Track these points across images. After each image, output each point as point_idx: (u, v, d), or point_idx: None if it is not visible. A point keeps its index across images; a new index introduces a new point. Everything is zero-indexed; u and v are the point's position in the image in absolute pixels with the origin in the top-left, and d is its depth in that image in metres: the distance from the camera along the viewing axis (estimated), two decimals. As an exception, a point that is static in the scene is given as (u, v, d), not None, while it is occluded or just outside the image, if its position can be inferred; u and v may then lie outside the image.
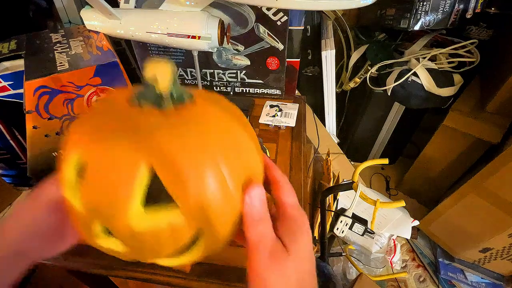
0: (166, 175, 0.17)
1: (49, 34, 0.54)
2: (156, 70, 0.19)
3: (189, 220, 0.18)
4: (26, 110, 0.44)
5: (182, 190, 0.17)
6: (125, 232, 0.18)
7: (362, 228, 0.71)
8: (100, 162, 0.18)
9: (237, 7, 0.57)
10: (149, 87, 0.19)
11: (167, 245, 0.19)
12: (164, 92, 0.19)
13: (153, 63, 0.19)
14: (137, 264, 0.43)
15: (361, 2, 0.42)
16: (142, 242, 0.18)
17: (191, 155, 0.18)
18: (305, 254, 0.20)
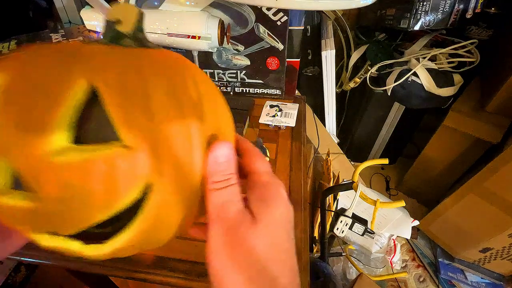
0: (113, 96, 0.14)
1: (49, 34, 0.54)
2: (120, 11, 0.18)
3: (135, 163, 0.14)
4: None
5: (133, 118, 0.14)
6: (40, 173, 0.13)
7: (362, 228, 0.71)
8: (20, 78, 0.14)
9: (237, 7, 0.57)
10: (109, 26, 0.18)
11: (97, 202, 0.14)
12: (126, 31, 0.18)
13: (118, 5, 0.19)
14: (137, 264, 0.43)
15: (361, 2, 0.42)
16: (63, 191, 0.13)
17: (152, 78, 0.15)
18: (278, 223, 0.16)
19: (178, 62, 0.18)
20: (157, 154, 0.14)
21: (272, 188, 0.17)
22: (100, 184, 0.14)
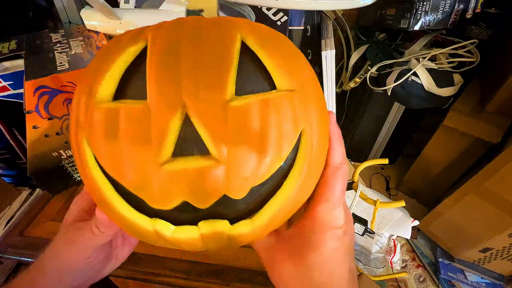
0: (268, 48, 0.16)
1: (49, 34, 0.54)
2: (201, 1, 0.20)
3: (296, 105, 0.16)
4: (26, 110, 0.44)
5: (290, 67, 0.16)
6: (221, 120, 0.14)
7: (362, 228, 0.71)
8: (189, 41, 0.16)
9: (237, 7, 0.57)
10: (195, 14, 0.19)
11: (270, 146, 0.15)
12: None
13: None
14: (137, 264, 0.43)
15: (361, 2, 0.42)
16: (240, 134, 0.14)
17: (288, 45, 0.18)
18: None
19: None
20: (307, 104, 0.16)
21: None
22: (273, 124, 0.15)
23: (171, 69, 0.15)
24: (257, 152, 0.15)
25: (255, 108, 0.15)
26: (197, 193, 0.15)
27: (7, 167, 0.65)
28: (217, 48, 0.16)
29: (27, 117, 0.44)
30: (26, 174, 0.49)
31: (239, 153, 0.15)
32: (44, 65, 0.44)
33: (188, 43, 0.16)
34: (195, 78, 0.15)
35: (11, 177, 0.66)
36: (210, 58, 0.15)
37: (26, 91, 0.42)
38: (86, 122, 0.16)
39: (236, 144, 0.15)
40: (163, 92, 0.15)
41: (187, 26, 0.17)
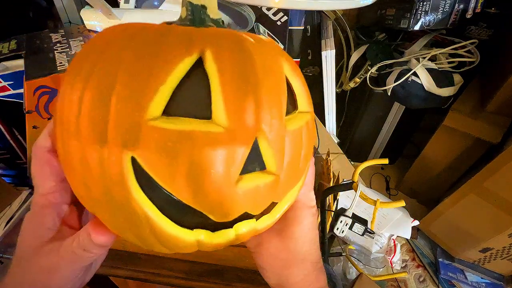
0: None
1: (49, 34, 0.54)
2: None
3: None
4: (26, 110, 0.44)
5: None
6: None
7: (362, 228, 0.71)
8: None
9: (237, 7, 0.57)
10: (197, 10, 0.18)
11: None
12: (216, 17, 0.19)
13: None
14: (137, 264, 0.43)
15: (361, 2, 0.42)
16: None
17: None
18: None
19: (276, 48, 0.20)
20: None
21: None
22: (307, 145, 0.19)
23: (244, 94, 0.15)
24: (296, 171, 0.18)
25: (302, 131, 0.18)
26: (258, 203, 0.17)
27: (7, 167, 0.65)
28: (276, 76, 0.17)
29: (27, 117, 0.44)
30: (26, 174, 0.49)
31: (289, 172, 0.17)
32: (44, 65, 0.44)
33: (254, 68, 0.16)
34: (268, 106, 0.16)
35: (11, 177, 0.66)
36: (274, 87, 0.16)
37: (26, 91, 0.42)
38: (138, 140, 0.14)
39: (289, 164, 0.17)
40: (242, 119, 0.15)
41: (246, 46, 0.16)
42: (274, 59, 0.17)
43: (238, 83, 0.15)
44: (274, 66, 0.17)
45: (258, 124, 0.15)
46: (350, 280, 0.77)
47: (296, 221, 0.21)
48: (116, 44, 0.16)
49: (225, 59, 0.15)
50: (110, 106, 0.14)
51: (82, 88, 0.15)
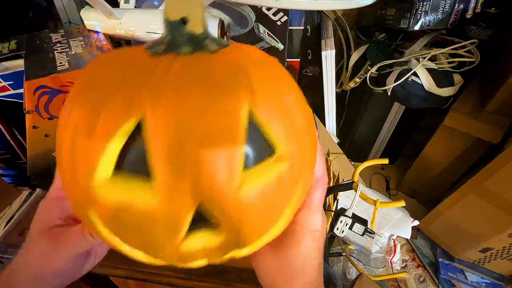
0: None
1: (49, 34, 0.54)
2: (183, 6, 0.15)
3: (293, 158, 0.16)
4: (26, 110, 0.44)
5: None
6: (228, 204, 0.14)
7: (362, 228, 0.71)
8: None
9: (237, 7, 0.57)
10: (176, 29, 0.16)
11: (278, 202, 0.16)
12: (199, 32, 0.16)
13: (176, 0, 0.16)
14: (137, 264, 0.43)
15: (361, 2, 0.42)
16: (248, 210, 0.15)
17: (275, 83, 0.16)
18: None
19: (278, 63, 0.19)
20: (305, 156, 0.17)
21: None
22: (276, 203, 0.17)
23: (180, 167, 0.14)
24: (270, 219, 0.17)
25: (266, 190, 0.15)
26: (213, 258, 0.17)
27: (7, 167, 0.65)
28: (229, 130, 0.14)
29: (27, 117, 0.44)
30: (26, 174, 0.49)
31: (251, 226, 0.16)
32: (44, 65, 0.44)
33: (197, 131, 0.14)
34: (210, 173, 0.14)
35: (11, 177, 0.66)
36: (222, 144, 0.14)
37: (26, 91, 0.42)
38: (91, 202, 0.15)
39: (253, 218, 0.16)
40: (178, 192, 0.14)
41: (191, 99, 0.14)
42: (230, 116, 0.14)
43: (173, 155, 0.13)
44: (227, 127, 0.14)
45: (198, 196, 0.14)
46: (350, 280, 0.77)
47: (291, 243, 0.20)
48: (75, 93, 0.16)
49: (162, 128, 0.14)
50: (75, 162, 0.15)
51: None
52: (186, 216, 0.14)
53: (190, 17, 0.16)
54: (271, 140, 0.15)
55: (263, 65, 0.17)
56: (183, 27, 0.16)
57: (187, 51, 0.16)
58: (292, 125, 0.16)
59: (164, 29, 0.16)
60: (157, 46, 0.16)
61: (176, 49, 0.16)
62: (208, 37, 0.17)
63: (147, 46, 0.17)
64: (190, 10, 0.16)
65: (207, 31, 0.17)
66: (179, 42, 0.16)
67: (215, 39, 0.17)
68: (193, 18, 0.16)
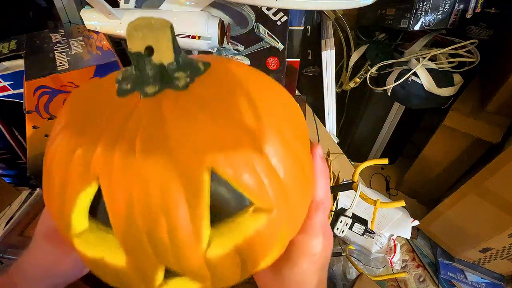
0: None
1: (49, 34, 0.54)
2: (147, 33, 0.13)
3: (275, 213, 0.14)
4: (26, 110, 0.44)
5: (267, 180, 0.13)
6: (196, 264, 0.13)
7: (362, 228, 0.71)
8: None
9: (237, 7, 0.57)
10: (141, 61, 0.14)
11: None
12: (168, 62, 0.14)
13: (139, 24, 0.13)
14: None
15: (361, 2, 0.42)
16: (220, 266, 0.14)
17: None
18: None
19: (265, 77, 0.18)
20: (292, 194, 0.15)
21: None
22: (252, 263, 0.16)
23: (135, 224, 0.13)
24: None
25: (241, 246, 0.14)
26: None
27: (7, 167, 0.65)
28: (186, 195, 0.13)
29: (27, 117, 0.44)
30: (26, 174, 0.49)
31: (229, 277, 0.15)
32: (44, 65, 0.44)
33: (155, 200, 0.13)
34: (171, 235, 0.13)
35: (11, 177, 0.66)
36: (180, 207, 0.13)
37: (26, 91, 0.42)
38: (73, 246, 0.15)
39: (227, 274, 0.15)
40: (141, 253, 0.13)
41: (144, 160, 0.13)
42: (188, 176, 0.12)
43: (129, 218, 0.13)
44: (190, 181, 0.12)
45: (161, 257, 0.13)
46: (350, 280, 0.77)
47: (287, 265, 0.19)
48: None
49: (115, 193, 0.13)
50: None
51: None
52: (157, 273, 0.14)
53: (157, 45, 0.13)
54: (244, 193, 0.14)
55: (252, 100, 0.14)
56: (149, 58, 0.14)
57: (152, 90, 0.14)
58: (271, 174, 0.14)
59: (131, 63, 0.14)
60: (125, 81, 0.15)
61: (140, 89, 0.14)
62: (180, 66, 0.15)
63: (117, 79, 0.16)
64: (155, 37, 0.13)
65: (179, 57, 0.14)
66: (144, 79, 0.14)
67: (188, 65, 0.15)
68: (160, 45, 0.13)
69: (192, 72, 0.15)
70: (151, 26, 0.13)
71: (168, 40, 0.14)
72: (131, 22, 0.13)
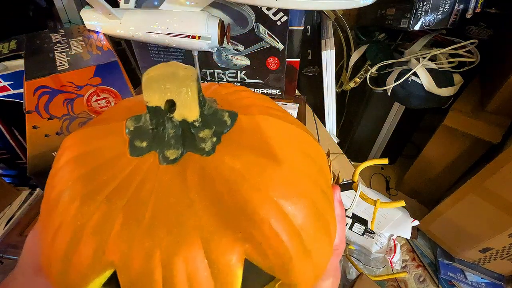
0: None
1: (49, 34, 0.54)
2: (169, 85, 0.11)
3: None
4: (26, 110, 0.44)
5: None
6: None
7: (362, 228, 0.71)
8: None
9: (237, 7, 0.57)
10: (161, 117, 0.12)
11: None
12: (193, 119, 0.12)
13: (160, 74, 0.11)
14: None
15: (361, 2, 0.42)
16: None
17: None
18: None
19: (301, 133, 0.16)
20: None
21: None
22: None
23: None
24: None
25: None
26: None
27: (7, 167, 0.65)
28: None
29: (27, 117, 0.44)
30: (26, 174, 0.49)
31: None
32: (44, 65, 0.44)
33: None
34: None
35: (11, 177, 0.66)
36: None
37: (26, 91, 0.42)
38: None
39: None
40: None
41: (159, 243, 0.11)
42: (229, 247, 0.11)
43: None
44: (223, 275, 0.11)
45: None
46: (350, 280, 0.77)
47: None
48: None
49: (138, 283, 0.11)
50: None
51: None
52: None
53: (180, 99, 0.11)
54: (272, 274, 0.13)
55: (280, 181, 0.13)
56: (170, 115, 0.12)
57: (174, 156, 0.12)
58: (302, 252, 0.12)
59: (147, 116, 0.12)
60: (139, 137, 0.13)
61: (159, 151, 0.13)
62: (205, 122, 0.13)
63: (128, 129, 0.13)
64: (178, 90, 0.11)
65: (204, 111, 0.12)
66: (163, 139, 0.12)
67: (213, 119, 0.13)
68: (183, 99, 0.11)
69: (218, 127, 0.13)
70: (174, 76, 0.11)
71: (194, 93, 0.11)
72: (149, 71, 0.11)
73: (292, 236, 0.12)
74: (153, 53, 0.67)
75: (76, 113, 0.47)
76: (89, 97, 0.47)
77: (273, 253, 0.12)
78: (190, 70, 0.11)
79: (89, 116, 0.48)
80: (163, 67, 0.11)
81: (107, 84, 0.47)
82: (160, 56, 0.67)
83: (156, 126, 0.12)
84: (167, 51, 0.66)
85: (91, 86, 0.46)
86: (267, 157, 0.13)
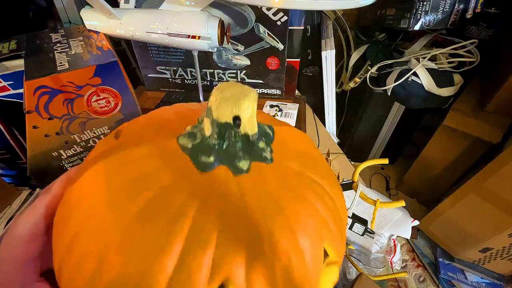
0: None
1: (49, 34, 0.54)
2: (234, 101, 0.12)
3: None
4: (26, 110, 0.44)
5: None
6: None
7: (362, 228, 0.71)
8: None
9: (237, 7, 0.57)
10: (228, 132, 0.13)
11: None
12: (253, 133, 0.13)
13: (229, 92, 0.12)
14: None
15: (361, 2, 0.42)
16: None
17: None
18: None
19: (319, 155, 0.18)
20: None
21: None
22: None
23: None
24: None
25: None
26: None
27: (7, 167, 0.65)
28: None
29: (27, 117, 0.44)
30: (26, 174, 0.49)
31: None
32: (44, 65, 0.44)
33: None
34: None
35: (11, 177, 0.66)
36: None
37: (26, 91, 0.42)
38: None
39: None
40: None
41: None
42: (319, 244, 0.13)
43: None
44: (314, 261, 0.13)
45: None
46: (350, 280, 0.77)
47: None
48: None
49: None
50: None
51: None
52: None
53: (243, 115, 0.12)
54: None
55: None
56: (236, 129, 0.13)
57: (246, 166, 0.13)
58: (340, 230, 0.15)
59: (210, 129, 0.13)
60: (203, 153, 0.13)
61: (230, 164, 0.13)
62: (259, 137, 0.14)
63: (185, 147, 0.13)
64: (243, 107, 0.12)
65: (260, 128, 0.14)
66: (233, 152, 0.13)
67: (263, 133, 0.14)
68: (246, 115, 0.12)
69: (267, 139, 0.14)
70: (242, 96, 0.12)
71: (254, 110, 0.13)
72: (218, 89, 0.12)
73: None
74: (153, 53, 0.67)
75: (76, 113, 0.47)
76: (89, 97, 0.47)
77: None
78: (254, 91, 0.13)
79: (89, 116, 0.48)
80: (231, 88, 0.13)
81: (107, 84, 0.47)
82: (160, 56, 0.67)
83: (223, 141, 0.13)
84: (167, 51, 0.66)
85: (91, 86, 0.46)
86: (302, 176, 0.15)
